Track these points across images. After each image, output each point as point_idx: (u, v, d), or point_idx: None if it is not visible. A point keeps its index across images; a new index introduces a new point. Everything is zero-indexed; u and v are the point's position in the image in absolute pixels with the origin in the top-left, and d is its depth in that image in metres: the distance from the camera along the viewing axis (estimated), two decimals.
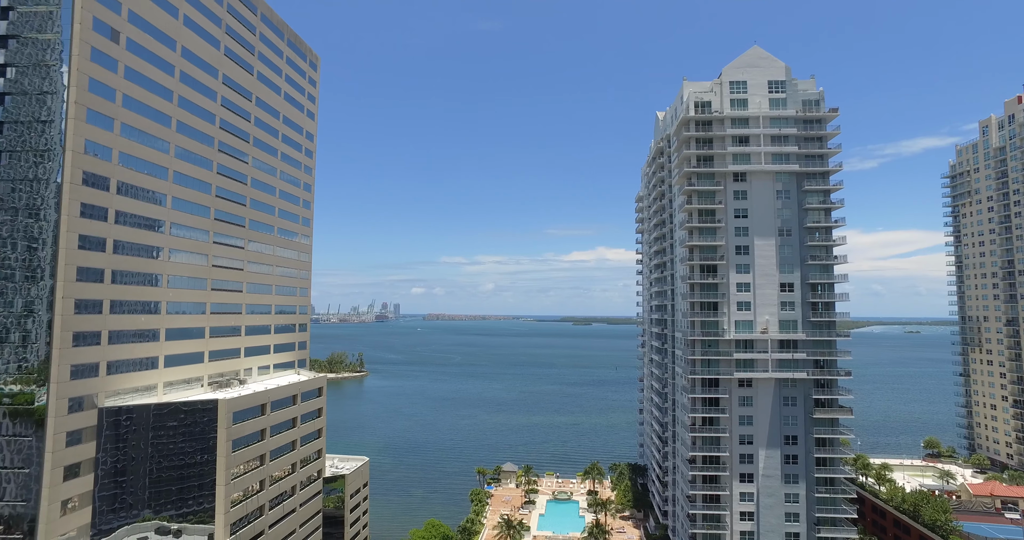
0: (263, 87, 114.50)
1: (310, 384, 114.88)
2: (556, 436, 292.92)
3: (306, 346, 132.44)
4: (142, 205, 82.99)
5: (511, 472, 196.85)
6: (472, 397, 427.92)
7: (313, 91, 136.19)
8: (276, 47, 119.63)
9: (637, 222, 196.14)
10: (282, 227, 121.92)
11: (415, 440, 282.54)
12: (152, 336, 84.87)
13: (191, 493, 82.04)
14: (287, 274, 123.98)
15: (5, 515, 70.16)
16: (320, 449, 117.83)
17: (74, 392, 72.81)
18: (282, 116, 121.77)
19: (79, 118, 73.29)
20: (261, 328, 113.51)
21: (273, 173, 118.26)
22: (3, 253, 72.16)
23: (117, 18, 79.21)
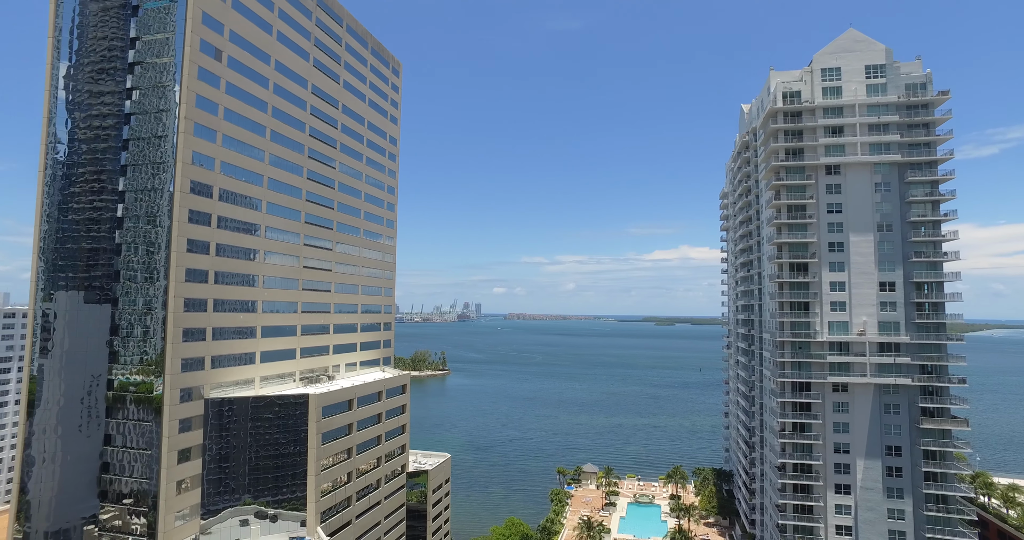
0: (349, 95, 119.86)
1: (394, 381, 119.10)
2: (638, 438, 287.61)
3: (391, 344, 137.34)
4: (240, 210, 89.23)
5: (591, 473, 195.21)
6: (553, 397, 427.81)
7: (396, 96, 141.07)
8: (360, 56, 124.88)
9: (722, 220, 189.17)
10: (367, 229, 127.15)
11: (496, 439, 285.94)
12: (250, 333, 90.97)
13: (285, 481, 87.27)
14: (372, 274, 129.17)
15: (135, 490, 77.77)
16: (404, 444, 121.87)
17: (184, 383, 79.33)
18: (367, 122, 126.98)
19: (188, 132, 79.80)
20: (348, 326, 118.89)
21: (359, 177, 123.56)
22: (128, 257, 79.87)
23: (220, 38, 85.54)
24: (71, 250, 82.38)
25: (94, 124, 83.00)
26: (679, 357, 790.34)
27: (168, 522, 76.79)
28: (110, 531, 79.05)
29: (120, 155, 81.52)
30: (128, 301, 79.64)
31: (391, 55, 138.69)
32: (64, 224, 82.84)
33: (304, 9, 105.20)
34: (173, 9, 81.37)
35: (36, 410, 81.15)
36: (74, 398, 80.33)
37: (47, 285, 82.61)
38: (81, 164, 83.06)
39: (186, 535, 79.22)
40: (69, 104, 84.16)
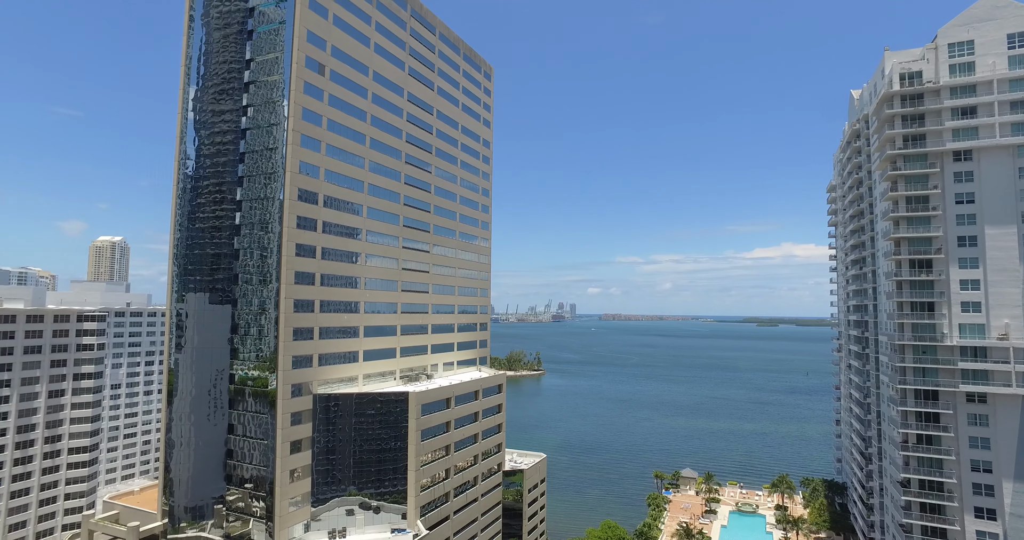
0: (442, 100, 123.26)
1: (491, 381, 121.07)
2: (740, 444, 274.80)
3: (487, 344, 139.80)
4: (343, 215, 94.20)
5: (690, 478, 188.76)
6: (650, 399, 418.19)
7: (488, 100, 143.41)
8: (453, 62, 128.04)
9: (829, 214, 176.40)
10: (463, 231, 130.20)
11: (591, 440, 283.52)
12: (353, 333, 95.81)
13: (387, 475, 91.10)
14: (468, 275, 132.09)
15: (254, 475, 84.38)
16: (500, 443, 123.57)
17: (295, 379, 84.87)
18: (460, 126, 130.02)
19: (295, 143, 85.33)
20: (445, 327, 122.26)
21: (454, 180, 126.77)
22: (245, 261, 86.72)
23: (323, 54, 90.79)
24: (198, 255, 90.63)
25: (216, 140, 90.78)
26: (783, 360, 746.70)
27: (283, 507, 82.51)
28: (235, 511, 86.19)
29: (238, 167, 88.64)
30: (245, 302, 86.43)
31: (482, 59, 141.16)
32: (192, 232, 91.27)
33: (399, 20, 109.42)
34: (282, 30, 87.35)
35: (174, 399, 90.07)
36: (203, 390, 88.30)
37: (180, 288, 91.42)
38: (205, 177, 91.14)
39: (298, 520, 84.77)
40: (196, 123, 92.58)
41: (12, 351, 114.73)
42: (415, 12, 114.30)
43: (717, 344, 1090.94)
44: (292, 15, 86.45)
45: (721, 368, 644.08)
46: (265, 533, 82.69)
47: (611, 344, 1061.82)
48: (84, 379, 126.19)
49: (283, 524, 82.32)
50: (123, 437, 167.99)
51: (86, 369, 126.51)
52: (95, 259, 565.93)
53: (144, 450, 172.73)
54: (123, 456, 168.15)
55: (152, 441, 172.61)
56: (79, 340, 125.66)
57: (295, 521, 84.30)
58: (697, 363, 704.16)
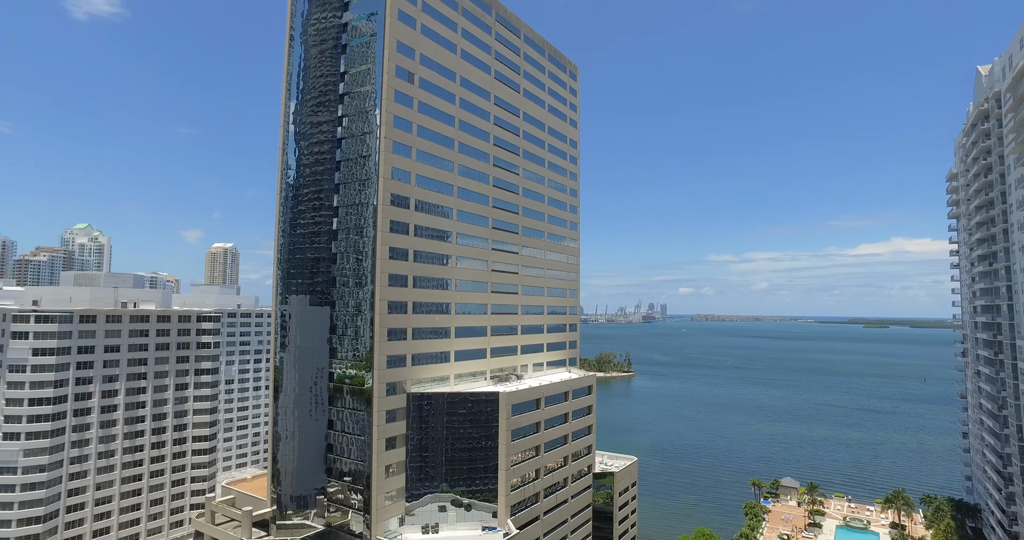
0: (529, 102, 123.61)
1: (580, 382, 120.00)
2: (847, 455, 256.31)
3: (576, 345, 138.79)
4: (434, 219, 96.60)
5: (791, 488, 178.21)
6: (746, 403, 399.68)
7: (574, 100, 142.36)
8: (538, 63, 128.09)
9: (950, 205, 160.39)
10: (551, 232, 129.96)
11: (684, 444, 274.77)
12: (445, 333, 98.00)
13: (478, 474, 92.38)
14: (557, 276, 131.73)
15: (352, 469, 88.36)
16: (590, 445, 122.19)
17: (389, 378, 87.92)
18: (547, 127, 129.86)
19: (388, 150, 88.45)
20: (535, 327, 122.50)
21: (541, 182, 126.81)
22: (342, 265, 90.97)
23: (412, 62, 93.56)
24: (299, 260, 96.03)
25: (314, 150, 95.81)
26: (896, 364, 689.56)
27: (379, 501, 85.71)
28: (335, 502, 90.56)
29: (334, 175, 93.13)
30: (343, 304, 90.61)
31: (567, 59, 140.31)
32: (294, 237, 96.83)
33: (484, 26, 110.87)
34: (373, 42, 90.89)
35: (280, 395, 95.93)
36: (305, 387, 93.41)
37: (283, 290, 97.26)
38: (305, 185, 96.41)
39: (394, 514, 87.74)
40: (296, 135, 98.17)
41: (146, 347, 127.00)
42: (500, 16, 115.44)
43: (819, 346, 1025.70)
44: (382, 27, 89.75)
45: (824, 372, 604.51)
46: (363, 525, 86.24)
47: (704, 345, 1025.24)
48: (203, 374, 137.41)
49: (379, 517, 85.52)
50: (236, 428, 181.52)
51: (205, 365, 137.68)
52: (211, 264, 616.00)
53: (255, 441, 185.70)
54: (237, 446, 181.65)
55: (261, 433, 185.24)
56: (199, 338, 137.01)
57: (390, 515, 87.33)
58: (797, 366, 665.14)
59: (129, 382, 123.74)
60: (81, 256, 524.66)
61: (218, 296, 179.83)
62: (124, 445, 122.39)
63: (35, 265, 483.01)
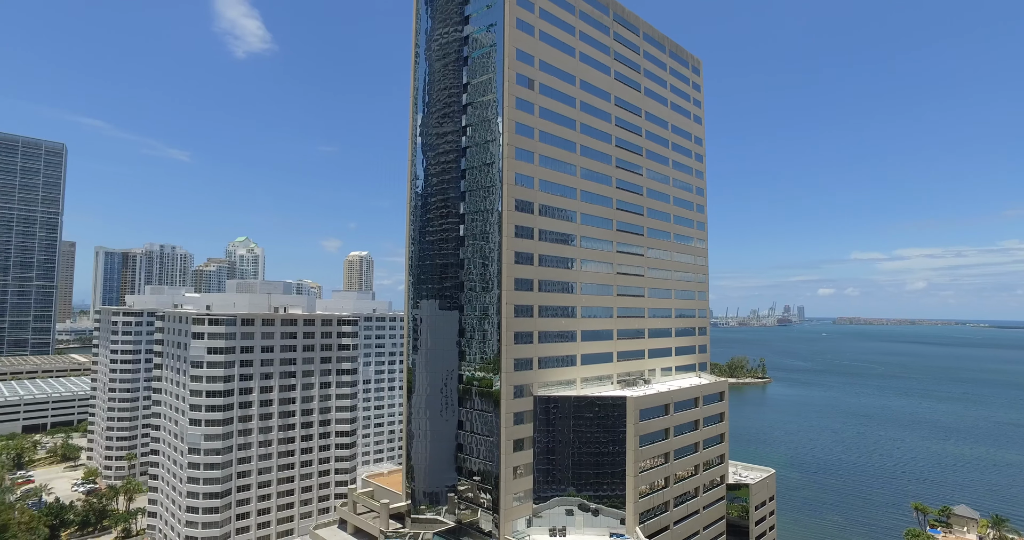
0: (650, 101, 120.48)
1: (711, 388, 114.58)
2: None
3: (706, 349, 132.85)
4: (557, 222, 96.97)
5: (968, 518, 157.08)
6: (902, 416, 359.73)
7: (698, 96, 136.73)
8: (659, 60, 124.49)
9: None
10: (678, 232, 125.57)
11: (828, 458, 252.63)
12: (570, 337, 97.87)
13: (605, 479, 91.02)
14: (685, 278, 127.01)
15: (481, 469, 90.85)
16: (722, 454, 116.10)
17: (516, 381, 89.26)
18: (670, 125, 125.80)
19: (510, 157, 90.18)
20: (662, 331, 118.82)
21: (666, 181, 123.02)
22: (469, 270, 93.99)
23: (531, 69, 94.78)
24: (429, 266, 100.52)
25: (440, 160, 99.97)
26: None
27: (507, 501, 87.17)
28: (465, 500, 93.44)
29: (460, 183, 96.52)
30: (470, 308, 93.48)
31: (689, 54, 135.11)
32: (423, 244, 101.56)
33: (602, 26, 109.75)
34: (493, 53, 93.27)
35: (413, 395, 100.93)
36: (436, 388, 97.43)
37: (414, 295, 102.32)
38: (432, 194, 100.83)
39: (521, 515, 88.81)
40: (424, 146, 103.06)
41: (295, 348, 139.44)
42: (618, 16, 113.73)
43: (997, 355, 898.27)
44: (502, 37, 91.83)
45: (1006, 385, 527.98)
46: (491, 523, 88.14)
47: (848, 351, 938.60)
48: (344, 374, 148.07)
49: (507, 517, 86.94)
50: (374, 426, 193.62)
51: (345, 365, 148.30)
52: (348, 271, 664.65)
53: (390, 438, 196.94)
54: (374, 442, 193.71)
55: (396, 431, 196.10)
56: (339, 341, 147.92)
57: (518, 515, 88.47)
58: (967, 377, 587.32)
59: (281, 379, 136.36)
60: (241, 266, 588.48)
61: (355, 301, 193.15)
62: (279, 436, 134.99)
63: (207, 274, 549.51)
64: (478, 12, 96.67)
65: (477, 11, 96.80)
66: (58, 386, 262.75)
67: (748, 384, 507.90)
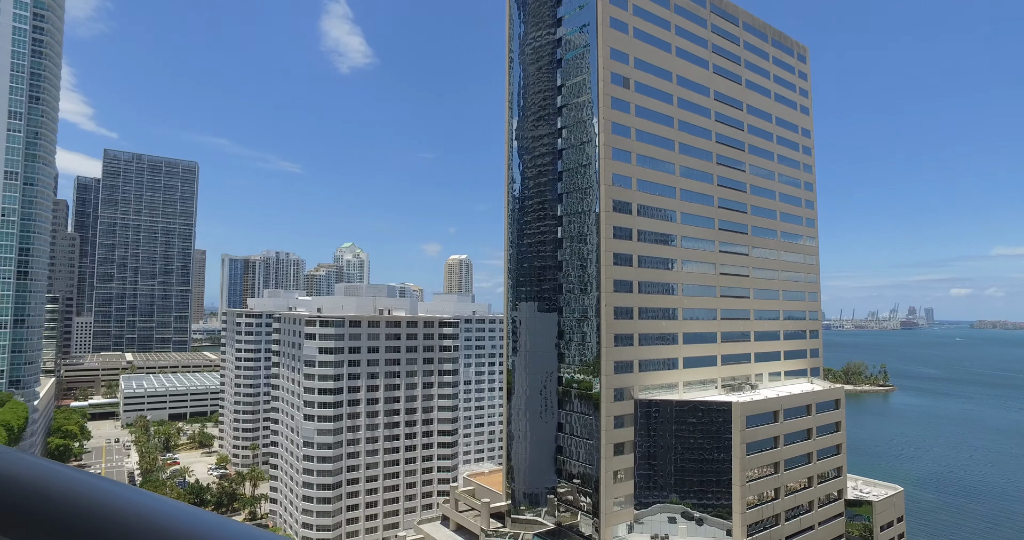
0: (752, 93, 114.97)
1: (825, 394, 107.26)
2: None
3: (818, 354, 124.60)
4: (656, 223, 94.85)
5: None
6: None
7: (804, 84, 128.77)
8: (761, 51, 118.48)
9: None
10: (784, 230, 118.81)
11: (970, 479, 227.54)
12: (671, 339, 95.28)
13: (709, 487, 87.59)
14: (793, 278, 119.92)
15: (581, 472, 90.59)
16: (840, 467, 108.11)
17: (616, 384, 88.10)
18: (774, 118, 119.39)
19: (607, 157, 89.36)
20: (770, 334, 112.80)
21: (771, 177, 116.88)
22: (568, 272, 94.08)
23: (626, 67, 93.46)
24: (527, 268, 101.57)
25: (536, 162, 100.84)
26: None
27: (608, 505, 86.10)
28: (565, 503, 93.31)
29: (556, 185, 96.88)
30: (569, 310, 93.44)
31: (794, 41, 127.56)
32: (521, 247, 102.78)
33: (699, 19, 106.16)
34: (587, 53, 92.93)
35: (512, 397, 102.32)
36: (535, 389, 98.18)
37: (513, 297, 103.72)
38: (529, 197, 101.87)
39: (622, 520, 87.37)
40: (520, 150, 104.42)
41: (399, 349, 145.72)
42: (715, 7, 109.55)
43: None
44: (595, 37, 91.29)
45: None
46: (591, 527, 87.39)
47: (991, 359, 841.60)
48: (445, 375, 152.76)
49: (608, 522, 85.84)
50: (474, 426, 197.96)
51: (446, 366, 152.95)
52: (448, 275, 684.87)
53: (490, 438, 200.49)
54: (475, 442, 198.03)
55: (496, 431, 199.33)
56: (440, 342, 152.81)
57: (619, 521, 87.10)
58: None
59: (386, 379, 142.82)
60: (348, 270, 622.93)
61: (456, 303, 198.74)
62: (385, 433, 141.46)
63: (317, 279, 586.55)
64: (570, 14, 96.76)
65: (569, 13, 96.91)
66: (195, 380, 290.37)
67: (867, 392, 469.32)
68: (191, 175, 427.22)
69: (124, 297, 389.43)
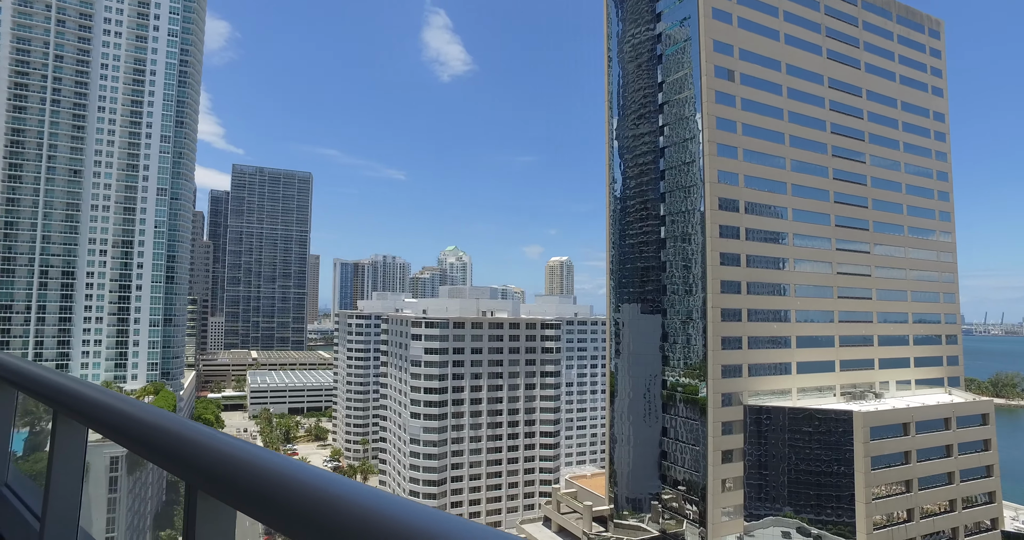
0: (873, 78, 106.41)
1: (968, 408, 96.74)
2: None
3: (957, 362, 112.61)
4: (766, 220, 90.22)
5: None
6: None
7: (937, 63, 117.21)
8: (883, 30, 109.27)
9: None
10: (913, 225, 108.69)
11: None
12: (784, 343, 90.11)
13: (828, 502, 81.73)
14: (924, 278, 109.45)
15: (686, 479, 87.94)
16: (992, 492, 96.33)
17: (724, 389, 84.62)
18: (899, 103, 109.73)
19: (712, 153, 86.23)
20: (896, 338, 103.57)
21: (896, 168, 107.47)
22: (672, 273, 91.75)
23: (731, 60, 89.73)
24: (630, 269, 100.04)
25: (638, 161, 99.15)
26: None
27: (715, 515, 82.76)
28: (670, 510, 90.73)
29: (659, 184, 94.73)
30: (673, 312, 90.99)
31: (925, 16, 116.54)
32: (623, 248, 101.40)
33: (810, 2, 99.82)
34: (688, 47, 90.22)
35: (615, 399, 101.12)
36: (638, 392, 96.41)
37: (616, 299, 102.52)
38: (631, 197, 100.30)
39: (731, 532, 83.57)
40: (620, 150, 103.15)
41: (501, 350, 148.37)
42: None
43: None
44: (696, 30, 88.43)
45: None
46: (698, 537, 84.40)
47: None
48: (547, 377, 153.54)
49: (715, 532, 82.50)
50: (576, 428, 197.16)
51: (548, 368, 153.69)
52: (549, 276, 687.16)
53: (592, 441, 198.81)
54: (577, 444, 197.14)
55: (598, 434, 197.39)
56: (542, 344, 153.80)
57: (727, 532, 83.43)
58: None
59: (489, 379, 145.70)
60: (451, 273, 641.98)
61: (557, 305, 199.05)
62: (488, 433, 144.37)
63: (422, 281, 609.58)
64: (670, 8, 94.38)
65: (669, 7, 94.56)
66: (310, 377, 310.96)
67: (1022, 407, 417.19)
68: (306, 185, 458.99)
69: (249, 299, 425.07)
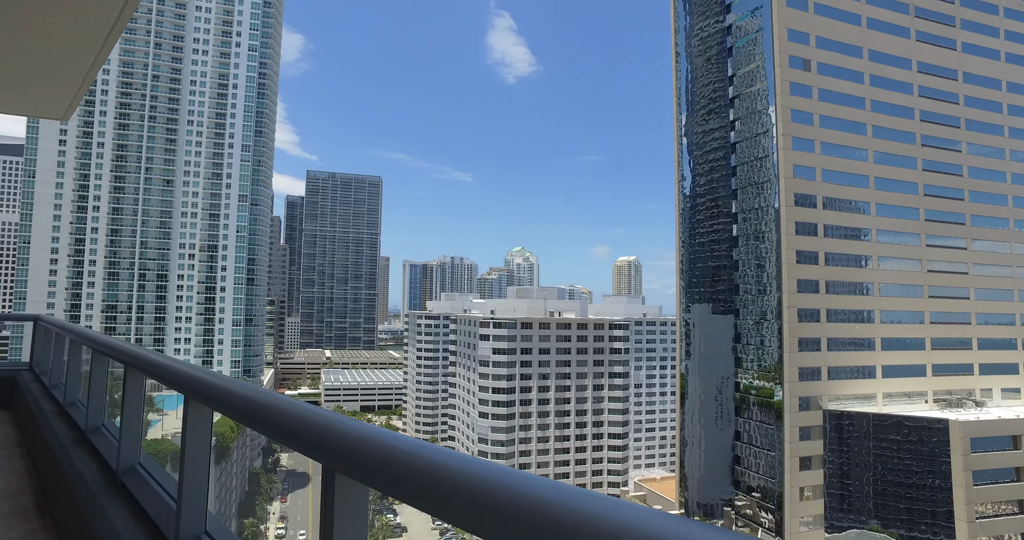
0: (971, 59, 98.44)
1: None
2: None
3: None
4: (846, 216, 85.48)
5: None
6: None
7: None
8: (985, 3, 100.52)
9: None
10: (1020, 218, 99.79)
11: None
12: (867, 345, 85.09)
13: (921, 517, 76.34)
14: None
15: (761, 486, 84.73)
16: None
17: (801, 392, 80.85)
18: (1004, 84, 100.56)
19: (786, 148, 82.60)
20: (1000, 342, 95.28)
21: (999, 155, 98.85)
22: (744, 272, 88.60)
23: (806, 48, 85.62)
24: (700, 269, 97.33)
25: (708, 158, 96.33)
26: None
27: (793, 525, 79.15)
28: (743, 517, 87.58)
29: (730, 181, 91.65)
30: (746, 312, 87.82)
31: None
32: (693, 247, 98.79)
33: None
34: (759, 38, 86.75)
35: (686, 402, 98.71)
36: (710, 395, 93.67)
37: (686, 299, 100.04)
38: (701, 195, 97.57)
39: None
40: (689, 146, 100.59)
41: (569, 351, 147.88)
42: None
43: None
44: (769, 19, 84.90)
45: None
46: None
47: None
48: (616, 378, 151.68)
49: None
50: (645, 430, 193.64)
51: (616, 369, 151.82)
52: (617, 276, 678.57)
53: (661, 444, 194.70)
54: (646, 446, 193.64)
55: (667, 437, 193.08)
56: (610, 345, 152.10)
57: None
58: None
59: (557, 380, 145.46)
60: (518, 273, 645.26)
61: (625, 306, 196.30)
62: (555, 433, 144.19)
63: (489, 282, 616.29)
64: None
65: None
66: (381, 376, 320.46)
67: None
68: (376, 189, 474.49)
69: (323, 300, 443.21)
